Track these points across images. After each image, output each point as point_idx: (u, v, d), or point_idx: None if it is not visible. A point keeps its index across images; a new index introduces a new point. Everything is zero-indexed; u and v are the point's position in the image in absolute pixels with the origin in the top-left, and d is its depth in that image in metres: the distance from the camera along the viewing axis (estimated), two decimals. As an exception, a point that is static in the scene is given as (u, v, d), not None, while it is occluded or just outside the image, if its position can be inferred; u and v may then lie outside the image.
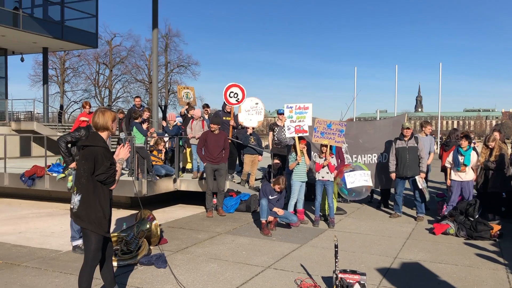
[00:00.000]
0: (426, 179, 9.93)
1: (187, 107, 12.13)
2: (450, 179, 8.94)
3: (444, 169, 9.71)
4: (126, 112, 13.08)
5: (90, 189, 4.01)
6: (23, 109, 24.15)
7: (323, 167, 8.50)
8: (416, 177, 8.95)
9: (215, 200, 9.67)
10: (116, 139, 15.66)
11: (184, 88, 12.83)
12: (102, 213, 4.03)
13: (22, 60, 25.51)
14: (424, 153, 9.15)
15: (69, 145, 6.85)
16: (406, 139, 9.10)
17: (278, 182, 8.16)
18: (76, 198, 4.06)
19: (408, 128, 9.08)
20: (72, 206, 4.12)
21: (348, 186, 8.42)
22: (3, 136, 12.05)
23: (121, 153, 4.19)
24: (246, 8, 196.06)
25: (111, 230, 4.67)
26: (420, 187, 8.92)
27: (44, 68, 25.47)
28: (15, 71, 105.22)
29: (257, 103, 10.92)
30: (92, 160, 3.97)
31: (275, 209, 8.07)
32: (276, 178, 8.36)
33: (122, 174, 10.53)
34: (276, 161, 10.23)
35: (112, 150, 4.96)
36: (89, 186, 4.01)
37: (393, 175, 9.23)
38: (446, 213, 8.65)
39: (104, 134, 4.17)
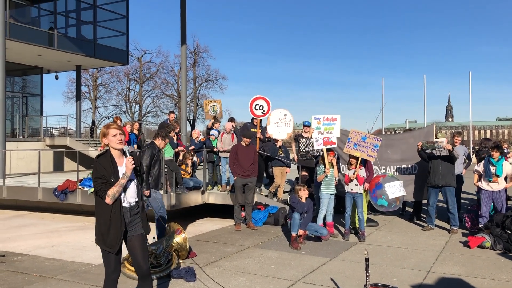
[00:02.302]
0: (459, 190, 9.68)
1: (213, 120, 12.22)
2: (481, 188, 8.74)
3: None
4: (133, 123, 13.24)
5: (95, 204, 4.05)
6: (57, 125, 24.89)
7: (351, 180, 8.39)
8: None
9: (243, 213, 9.65)
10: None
11: (210, 102, 12.92)
12: (102, 227, 3.95)
13: (56, 78, 26.28)
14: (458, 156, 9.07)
15: None
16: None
17: (299, 190, 8.05)
18: None
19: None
20: None
21: (390, 197, 8.34)
22: (37, 152, 12.38)
23: (125, 167, 4.01)
24: (272, 21, 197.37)
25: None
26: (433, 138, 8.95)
27: (77, 85, 26.19)
28: (50, 89, 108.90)
29: (285, 115, 10.81)
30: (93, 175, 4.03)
31: None
32: (295, 190, 8.25)
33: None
34: (304, 173, 10.15)
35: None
36: (95, 201, 4.06)
37: None
38: (481, 225, 8.38)
39: (112, 150, 4.08)
